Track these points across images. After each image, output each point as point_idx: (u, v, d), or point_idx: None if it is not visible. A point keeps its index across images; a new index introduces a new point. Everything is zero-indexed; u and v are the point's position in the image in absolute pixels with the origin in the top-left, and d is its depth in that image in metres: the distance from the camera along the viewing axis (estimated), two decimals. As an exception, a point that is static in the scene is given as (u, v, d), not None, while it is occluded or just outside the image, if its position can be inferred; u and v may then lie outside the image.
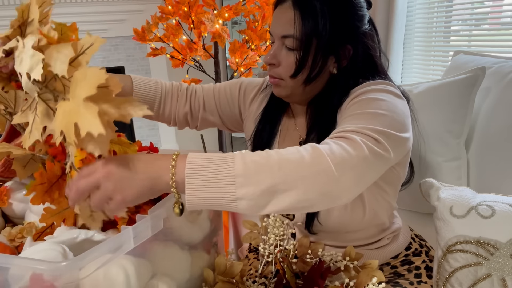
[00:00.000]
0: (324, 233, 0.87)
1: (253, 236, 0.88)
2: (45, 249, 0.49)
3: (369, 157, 0.61)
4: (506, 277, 0.71)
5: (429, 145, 1.18)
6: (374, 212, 0.82)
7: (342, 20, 0.77)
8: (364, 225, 0.83)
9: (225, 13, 1.90)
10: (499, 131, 1.09)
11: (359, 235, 0.86)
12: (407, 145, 0.73)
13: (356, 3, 0.78)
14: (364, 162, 0.60)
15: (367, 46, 0.81)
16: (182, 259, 0.69)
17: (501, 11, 1.68)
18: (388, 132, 0.66)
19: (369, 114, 0.68)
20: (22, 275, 0.44)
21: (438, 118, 1.16)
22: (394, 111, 0.70)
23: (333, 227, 0.82)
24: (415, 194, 1.00)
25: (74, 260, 0.44)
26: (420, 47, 2.00)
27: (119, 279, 0.51)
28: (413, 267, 0.87)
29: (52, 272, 0.42)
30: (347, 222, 0.81)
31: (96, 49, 0.49)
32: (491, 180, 1.10)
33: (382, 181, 0.80)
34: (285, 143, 0.90)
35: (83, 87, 0.46)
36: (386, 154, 0.65)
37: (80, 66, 0.50)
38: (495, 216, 0.74)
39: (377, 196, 0.81)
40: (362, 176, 0.61)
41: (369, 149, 0.61)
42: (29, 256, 0.50)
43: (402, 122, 0.71)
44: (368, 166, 0.61)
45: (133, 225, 0.52)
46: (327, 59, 0.78)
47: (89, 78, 0.46)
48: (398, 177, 0.83)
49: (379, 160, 0.64)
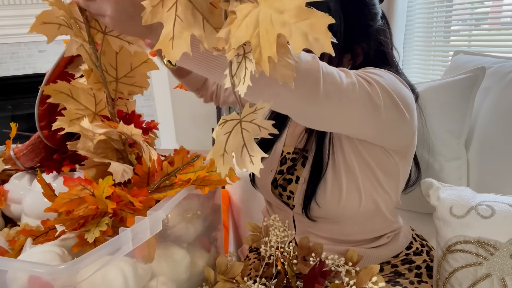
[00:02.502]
0: (323, 223, 0.87)
1: (255, 238, 0.88)
2: (43, 251, 0.49)
3: (356, 87, 0.63)
4: (505, 277, 0.71)
5: (429, 145, 1.18)
6: (373, 201, 0.82)
7: (356, 20, 0.78)
8: (364, 214, 0.84)
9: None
10: (499, 131, 1.09)
11: (359, 228, 0.86)
12: (406, 123, 0.74)
13: (368, 2, 0.79)
14: (350, 88, 0.62)
15: (380, 42, 0.82)
16: (181, 259, 0.69)
17: (501, 11, 1.68)
18: (385, 86, 0.68)
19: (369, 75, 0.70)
20: (20, 278, 0.44)
21: (438, 118, 1.16)
22: (394, 85, 0.71)
23: (330, 211, 0.83)
24: (415, 194, 1.00)
25: (72, 263, 0.43)
26: (420, 47, 2.00)
27: (117, 282, 0.51)
28: (414, 267, 0.87)
29: (50, 275, 0.42)
30: (344, 205, 0.81)
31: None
32: (491, 180, 1.10)
33: (377, 167, 0.81)
34: (294, 135, 0.92)
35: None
36: (376, 99, 0.66)
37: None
38: (495, 216, 0.74)
39: (374, 183, 0.82)
40: (345, 102, 0.62)
41: (359, 82, 0.63)
42: (27, 258, 0.50)
43: (403, 97, 0.72)
44: (353, 94, 0.62)
45: (131, 227, 0.52)
46: (342, 57, 0.80)
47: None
48: (396, 168, 0.83)
49: (367, 99, 0.65)
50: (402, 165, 0.83)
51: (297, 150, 0.90)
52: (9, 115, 2.90)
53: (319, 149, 0.84)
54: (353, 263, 0.75)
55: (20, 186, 0.85)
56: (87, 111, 0.65)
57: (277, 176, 0.91)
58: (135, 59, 0.63)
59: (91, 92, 0.64)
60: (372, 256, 0.87)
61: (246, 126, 0.43)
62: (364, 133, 0.74)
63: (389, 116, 0.69)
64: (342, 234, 0.86)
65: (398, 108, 0.71)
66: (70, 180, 0.56)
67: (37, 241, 0.59)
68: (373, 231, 0.87)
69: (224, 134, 0.43)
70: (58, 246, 0.52)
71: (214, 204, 0.84)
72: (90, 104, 0.65)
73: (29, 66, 2.75)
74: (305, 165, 0.87)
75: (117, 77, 0.64)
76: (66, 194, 0.55)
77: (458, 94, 1.13)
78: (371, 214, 0.84)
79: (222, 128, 0.43)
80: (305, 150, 0.87)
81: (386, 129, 0.72)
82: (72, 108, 0.64)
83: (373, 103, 0.66)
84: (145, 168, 0.63)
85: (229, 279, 0.74)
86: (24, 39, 2.65)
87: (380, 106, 0.67)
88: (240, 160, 0.44)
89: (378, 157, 0.81)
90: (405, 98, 0.73)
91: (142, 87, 0.66)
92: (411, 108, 0.75)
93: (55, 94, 0.63)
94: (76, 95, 0.64)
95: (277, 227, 0.85)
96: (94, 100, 0.65)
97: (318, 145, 0.84)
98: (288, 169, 0.89)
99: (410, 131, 0.78)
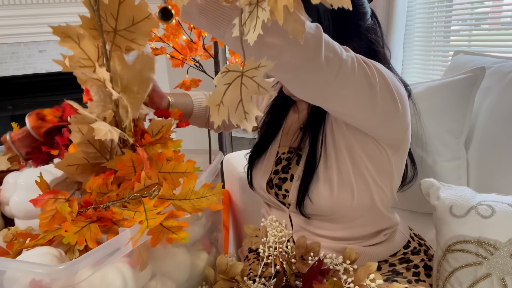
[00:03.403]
0: (319, 220, 0.87)
1: (254, 240, 0.88)
2: (41, 253, 0.49)
3: (355, 62, 0.64)
4: (505, 276, 0.71)
5: (429, 145, 1.18)
6: (367, 197, 0.83)
7: (345, 20, 0.78)
8: (358, 211, 0.84)
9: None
10: (499, 131, 1.09)
11: (355, 225, 0.86)
12: (398, 114, 0.75)
13: (356, 2, 0.79)
14: (349, 61, 0.64)
15: (371, 41, 0.83)
16: (181, 259, 0.69)
17: (501, 11, 1.67)
18: (380, 70, 0.70)
19: None
20: (18, 278, 0.44)
21: (438, 118, 1.16)
22: (388, 74, 0.73)
23: (324, 207, 0.83)
24: (415, 194, 1.00)
25: (70, 263, 0.43)
26: (420, 47, 2.00)
27: (116, 282, 0.51)
28: (412, 266, 0.87)
29: (49, 275, 0.42)
30: (337, 200, 0.81)
31: None
32: (491, 180, 1.10)
33: (370, 163, 0.82)
34: (288, 135, 0.94)
35: None
36: (372, 79, 0.67)
37: None
38: (494, 216, 0.74)
39: (367, 179, 0.82)
40: (343, 74, 0.63)
41: (358, 60, 0.65)
42: (25, 260, 0.50)
43: (396, 87, 0.73)
44: (351, 68, 0.64)
45: (131, 227, 0.52)
46: None
47: None
48: (389, 163, 0.83)
49: (363, 76, 0.66)
50: (395, 160, 0.83)
51: (292, 149, 0.91)
52: (9, 115, 2.89)
53: (313, 146, 0.84)
54: (351, 261, 0.75)
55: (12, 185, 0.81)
56: (89, 62, 0.63)
57: (272, 176, 0.91)
58: (138, 13, 0.61)
59: (96, 44, 0.63)
60: (370, 254, 0.87)
61: (246, 82, 0.44)
62: (359, 115, 0.74)
63: (383, 101, 0.71)
64: (338, 231, 0.86)
65: (392, 94, 0.72)
66: (38, 201, 0.57)
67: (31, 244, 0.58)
68: (369, 227, 0.87)
69: (224, 84, 0.44)
70: (55, 248, 0.52)
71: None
72: (93, 56, 0.63)
73: (29, 66, 2.74)
74: (299, 163, 0.87)
75: (116, 29, 0.61)
76: (43, 215, 0.56)
77: (458, 94, 1.14)
78: (366, 210, 0.85)
79: (223, 77, 0.44)
80: (299, 148, 0.88)
81: (379, 115, 0.73)
82: (77, 55, 0.62)
83: (369, 82, 0.67)
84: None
85: (229, 278, 0.74)
86: (24, 39, 2.64)
87: (375, 87, 0.68)
88: (235, 115, 0.44)
89: (371, 152, 0.81)
90: (398, 89, 0.74)
91: (141, 46, 0.64)
92: (404, 101, 0.76)
93: (64, 37, 0.60)
94: (83, 45, 0.62)
95: (274, 227, 0.85)
96: (98, 52, 0.64)
97: (311, 142, 0.85)
98: (283, 168, 0.90)
99: (402, 124, 0.79)
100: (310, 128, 0.87)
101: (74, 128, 0.61)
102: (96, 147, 0.63)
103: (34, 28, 2.51)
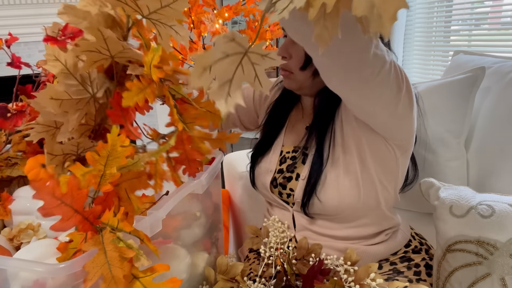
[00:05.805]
0: (322, 220, 0.87)
1: (255, 241, 0.88)
2: (44, 245, 0.49)
3: (393, 65, 0.67)
4: (505, 276, 0.71)
5: (429, 145, 1.18)
6: (372, 197, 0.83)
7: None
8: (362, 211, 0.84)
9: (225, 13, 1.90)
10: (499, 131, 1.09)
11: (358, 225, 0.86)
12: (411, 115, 0.76)
13: None
14: (392, 62, 0.66)
15: None
16: (181, 259, 0.69)
17: (501, 11, 1.68)
18: (407, 75, 0.72)
19: None
20: (20, 275, 0.44)
21: (438, 118, 1.16)
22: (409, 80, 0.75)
23: (330, 206, 0.83)
24: (415, 194, 1.00)
25: (72, 262, 0.43)
26: (420, 47, 2.00)
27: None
28: (413, 265, 0.88)
29: (49, 274, 0.42)
30: (343, 200, 0.81)
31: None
32: (491, 180, 1.10)
33: (378, 163, 0.82)
34: (292, 134, 0.94)
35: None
36: (401, 83, 0.70)
37: None
38: (494, 215, 0.74)
39: (373, 179, 0.82)
40: (384, 73, 0.65)
41: (394, 61, 0.68)
42: (27, 252, 0.50)
43: (413, 92, 0.75)
44: (389, 69, 0.66)
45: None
46: None
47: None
48: (396, 164, 0.84)
49: (395, 79, 0.68)
50: (401, 161, 0.84)
51: (297, 149, 0.91)
52: (9, 115, 2.90)
53: (320, 146, 0.84)
54: (352, 263, 0.75)
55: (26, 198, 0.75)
56: None
57: (276, 175, 0.91)
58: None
59: None
60: (371, 253, 0.87)
61: (246, 65, 0.38)
62: (380, 114, 0.75)
63: (404, 105, 0.72)
64: (341, 230, 0.87)
65: (411, 99, 0.74)
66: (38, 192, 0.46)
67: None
68: (371, 227, 0.87)
69: (222, 51, 0.37)
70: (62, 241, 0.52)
71: (214, 204, 0.84)
72: None
73: (29, 66, 2.75)
74: (305, 163, 0.87)
75: None
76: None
77: (458, 94, 1.14)
78: (369, 210, 0.85)
79: (225, 44, 0.37)
80: (306, 147, 0.88)
81: (397, 116, 0.75)
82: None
83: (398, 85, 0.69)
84: None
85: (229, 279, 0.74)
86: (24, 39, 2.65)
87: (402, 90, 0.70)
88: (216, 91, 0.37)
89: (380, 152, 0.82)
90: (413, 94, 0.76)
91: None
92: (415, 104, 0.78)
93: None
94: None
95: (276, 228, 0.85)
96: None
97: (318, 141, 0.85)
98: (288, 167, 0.90)
99: (412, 126, 0.80)
100: (316, 127, 0.87)
101: (49, 57, 0.54)
102: (77, 79, 0.57)
103: (34, 28, 2.51)
